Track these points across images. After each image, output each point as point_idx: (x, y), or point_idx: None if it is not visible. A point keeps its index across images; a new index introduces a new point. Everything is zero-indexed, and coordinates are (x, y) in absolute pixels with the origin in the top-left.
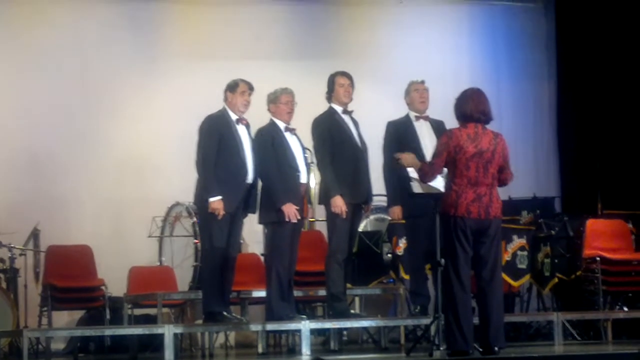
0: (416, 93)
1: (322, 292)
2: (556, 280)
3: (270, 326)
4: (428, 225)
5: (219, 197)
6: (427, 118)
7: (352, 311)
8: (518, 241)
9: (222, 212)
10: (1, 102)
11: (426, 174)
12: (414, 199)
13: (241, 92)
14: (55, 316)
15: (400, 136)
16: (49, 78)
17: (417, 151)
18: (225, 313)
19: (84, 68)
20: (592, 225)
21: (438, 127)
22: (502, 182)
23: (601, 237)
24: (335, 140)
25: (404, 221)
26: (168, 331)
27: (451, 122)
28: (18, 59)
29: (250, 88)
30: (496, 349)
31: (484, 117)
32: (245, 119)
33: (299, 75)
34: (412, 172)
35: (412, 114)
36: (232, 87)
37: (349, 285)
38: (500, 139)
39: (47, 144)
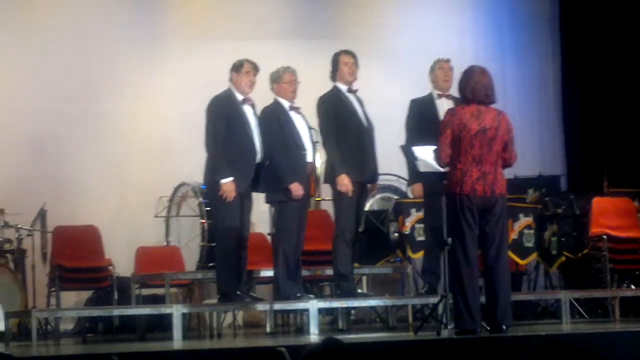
0: (441, 71)
1: (329, 272)
2: (563, 258)
3: (278, 306)
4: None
5: (231, 179)
6: (449, 96)
7: (359, 290)
8: (525, 219)
9: (233, 194)
10: (4, 84)
11: (437, 157)
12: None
13: (246, 72)
14: (64, 297)
15: (421, 114)
16: (51, 59)
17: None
18: (240, 293)
19: (87, 49)
20: (599, 203)
21: None
22: (506, 163)
23: (607, 215)
24: (340, 119)
25: (421, 200)
26: (176, 311)
27: None
28: (20, 41)
29: (255, 68)
30: (504, 327)
31: (488, 96)
32: (250, 99)
33: (303, 55)
34: (418, 151)
35: (435, 92)
36: (237, 67)
37: (356, 264)
38: (504, 117)
39: (52, 125)
